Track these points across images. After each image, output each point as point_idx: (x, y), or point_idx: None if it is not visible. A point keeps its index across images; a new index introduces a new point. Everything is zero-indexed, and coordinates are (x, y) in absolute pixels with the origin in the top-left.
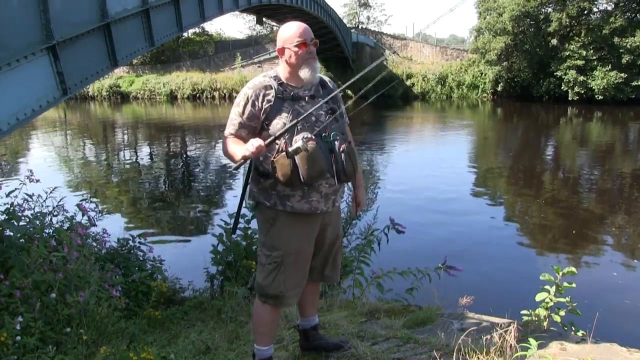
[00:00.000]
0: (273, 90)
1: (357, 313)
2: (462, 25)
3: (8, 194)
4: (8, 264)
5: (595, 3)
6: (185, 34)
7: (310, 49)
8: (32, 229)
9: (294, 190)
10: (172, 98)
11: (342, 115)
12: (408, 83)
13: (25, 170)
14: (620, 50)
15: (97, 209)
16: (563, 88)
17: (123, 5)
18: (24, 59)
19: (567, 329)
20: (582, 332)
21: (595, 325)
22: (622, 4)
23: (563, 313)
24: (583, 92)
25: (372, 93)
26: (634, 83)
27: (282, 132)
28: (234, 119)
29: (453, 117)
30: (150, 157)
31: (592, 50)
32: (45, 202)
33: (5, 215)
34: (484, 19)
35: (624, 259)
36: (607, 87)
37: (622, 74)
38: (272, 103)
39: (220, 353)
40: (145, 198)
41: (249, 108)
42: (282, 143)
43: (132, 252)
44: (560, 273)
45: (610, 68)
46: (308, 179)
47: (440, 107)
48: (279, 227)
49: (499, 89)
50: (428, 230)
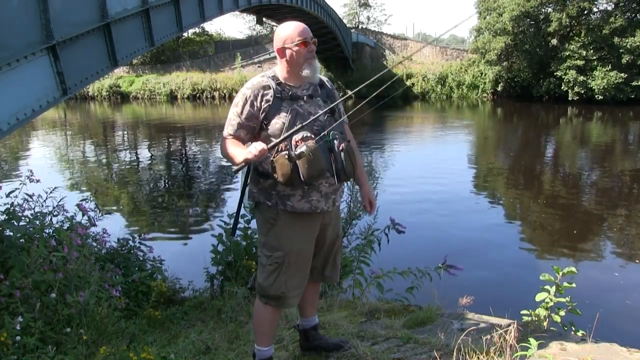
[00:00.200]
0: (271, 90)
1: (357, 313)
2: (462, 25)
3: (8, 194)
4: (8, 264)
5: (595, 3)
6: (185, 34)
7: (311, 48)
8: (32, 229)
9: (294, 190)
10: (172, 98)
11: (340, 115)
12: (408, 83)
13: (25, 170)
14: (620, 50)
15: (97, 209)
16: (563, 88)
17: (123, 5)
18: (24, 59)
19: (567, 329)
20: (582, 332)
21: (595, 325)
22: (622, 4)
23: (563, 313)
24: (583, 92)
25: (375, 94)
26: (634, 83)
27: (285, 136)
28: (233, 120)
29: (453, 117)
30: (150, 157)
31: (592, 50)
32: (46, 202)
33: (5, 215)
34: (484, 19)
35: (625, 259)
36: (607, 87)
37: (622, 74)
38: (270, 103)
39: (220, 353)
40: (145, 198)
41: (248, 108)
42: (277, 140)
43: (132, 252)
44: (560, 273)
45: (610, 68)
46: (308, 178)
47: (440, 107)
48: (280, 227)
49: (499, 89)
50: (428, 230)
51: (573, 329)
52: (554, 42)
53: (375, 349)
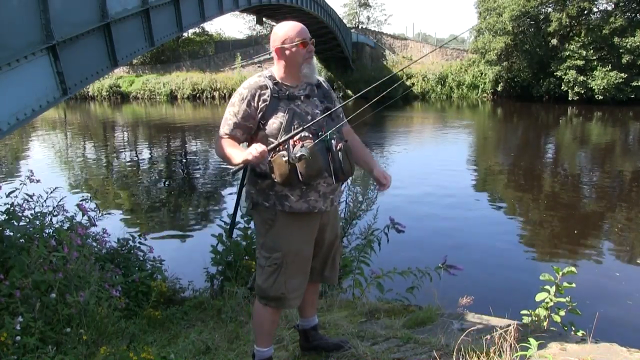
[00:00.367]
0: (268, 90)
1: (357, 313)
2: (462, 25)
3: (8, 194)
4: (8, 264)
5: (595, 3)
6: (185, 34)
7: (310, 48)
8: (32, 229)
9: (292, 190)
10: (172, 98)
11: (337, 116)
12: (408, 83)
13: (26, 170)
14: (620, 50)
15: (97, 209)
16: (563, 88)
17: (123, 5)
18: (24, 59)
19: (567, 329)
20: (582, 332)
21: (595, 325)
22: (622, 4)
23: (563, 313)
24: (583, 92)
25: (380, 96)
26: (634, 83)
27: (286, 138)
28: (229, 119)
29: (453, 117)
30: (150, 157)
31: (592, 50)
32: (46, 202)
33: (6, 215)
34: (484, 19)
35: (626, 260)
36: (607, 87)
37: (622, 74)
38: (268, 103)
39: (220, 353)
40: (145, 198)
41: (245, 108)
42: (277, 142)
43: (132, 252)
44: (560, 273)
45: (610, 68)
46: (307, 178)
47: (440, 107)
48: (278, 228)
49: (499, 89)
50: (428, 230)
51: (573, 329)
52: (554, 42)
53: (375, 349)
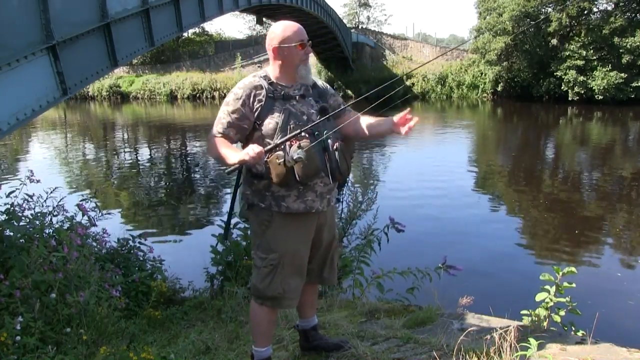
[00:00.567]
0: (264, 90)
1: (357, 313)
2: (462, 25)
3: (8, 194)
4: (8, 264)
5: (595, 3)
6: (185, 34)
7: (308, 50)
8: (32, 229)
9: (289, 190)
10: (172, 98)
11: (337, 107)
12: (408, 83)
13: (25, 170)
14: (620, 50)
15: (97, 209)
16: (563, 88)
17: (123, 5)
18: (24, 59)
19: (567, 329)
20: (582, 332)
21: (595, 325)
22: (622, 4)
23: (563, 313)
24: (583, 92)
25: (383, 99)
26: (634, 84)
27: (283, 140)
28: (223, 118)
29: (453, 117)
30: (150, 157)
31: (592, 50)
32: (46, 202)
33: (6, 216)
34: (484, 19)
35: (627, 260)
36: (607, 87)
37: (622, 74)
38: (263, 103)
39: (220, 353)
40: (145, 198)
41: (239, 108)
42: (274, 142)
43: (132, 252)
44: (560, 273)
45: (611, 68)
46: (304, 178)
47: (440, 107)
48: (275, 228)
49: (499, 89)
50: (428, 230)
51: (573, 329)
52: (554, 42)
53: (375, 349)
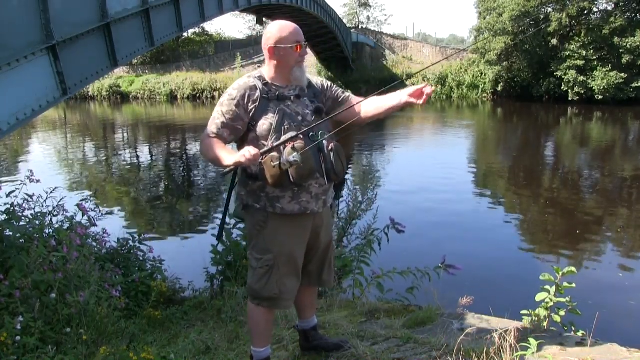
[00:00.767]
0: (258, 91)
1: (357, 313)
2: (462, 25)
3: (8, 194)
4: (8, 264)
5: (595, 3)
6: (185, 34)
7: (304, 52)
8: (32, 229)
9: (284, 192)
10: (172, 98)
11: (336, 99)
12: (408, 83)
13: (25, 170)
14: (620, 51)
15: (97, 209)
16: (563, 88)
17: (123, 5)
18: (24, 59)
19: (567, 329)
20: (582, 332)
21: (595, 325)
22: (622, 4)
23: (563, 313)
24: (583, 92)
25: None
26: (634, 84)
27: (279, 143)
28: (217, 118)
29: (453, 117)
30: (150, 157)
31: (592, 50)
32: (46, 202)
33: (5, 216)
34: (484, 19)
35: (627, 260)
36: (607, 87)
37: (622, 74)
38: (257, 104)
39: (220, 353)
40: (145, 198)
41: (233, 109)
42: (269, 143)
43: (132, 252)
44: (560, 273)
45: (611, 68)
46: (298, 179)
47: (440, 107)
48: (270, 229)
49: (499, 89)
50: (428, 230)
51: (573, 329)
52: (554, 42)
53: (375, 349)
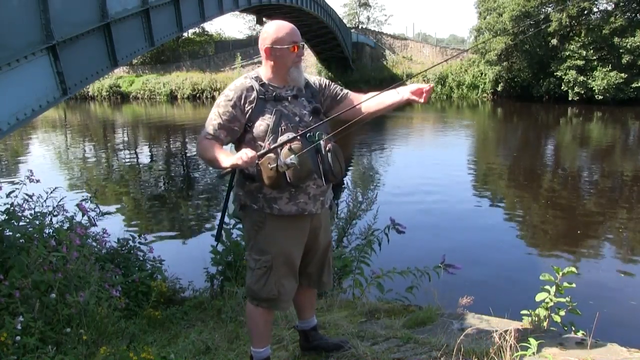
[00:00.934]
0: (255, 92)
1: (357, 313)
2: (462, 25)
3: (8, 194)
4: (8, 264)
5: (595, 3)
6: (185, 34)
7: (301, 52)
8: (31, 229)
9: (281, 193)
10: (172, 98)
11: (335, 97)
12: (408, 83)
13: (25, 170)
14: (621, 51)
15: (97, 209)
16: (563, 88)
17: (123, 5)
18: (24, 59)
19: (567, 329)
20: (582, 332)
21: (595, 325)
22: (622, 4)
23: (563, 313)
24: (583, 92)
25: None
26: (635, 84)
27: (276, 145)
28: (214, 119)
29: (453, 117)
30: (150, 157)
31: (592, 51)
32: (45, 202)
33: (5, 216)
34: (484, 19)
35: (627, 260)
36: (607, 87)
37: (622, 74)
38: (254, 104)
39: (220, 353)
40: (146, 198)
41: (230, 110)
42: (266, 144)
43: (132, 252)
44: (560, 273)
45: (611, 68)
46: (295, 181)
47: (440, 107)
48: (267, 230)
49: (499, 89)
50: (429, 230)
51: (573, 329)
52: (554, 42)
53: (375, 349)
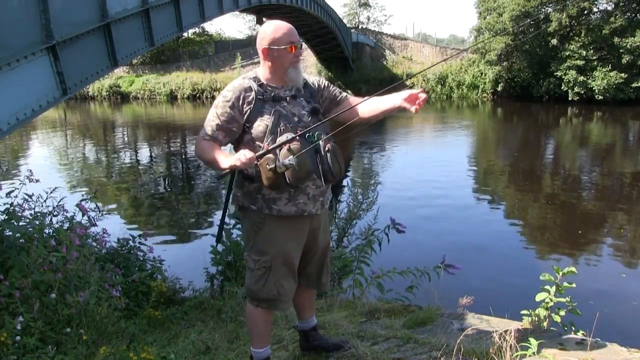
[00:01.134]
0: (253, 92)
1: (357, 313)
2: (462, 25)
3: (8, 194)
4: (8, 264)
5: (595, 3)
6: (185, 34)
7: (298, 52)
8: (31, 229)
9: (280, 193)
10: (172, 98)
11: (334, 99)
12: (408, 83)
13: (25, 170)
14: (620, 51)
15: (97, 209)
16: (563, 88)
17: (123, 5)
18: (24, 59)
19: (567, 329)
20: (582, 332)
21: (595, 325)
22: (622, 4)
23: (563, 313)
24: (583, 92)
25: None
26: (634, 84)
27: (274, 146)
28: (212, 120)
29: (453, 117)
30: (150, 157)
31: (592, 51)
32: (45, 202)
33: (5, 215)
34: (484, 19)
35: (627, 260)
36: (607, 87)
37: (622, 74)
38: (252, 105)
39: (220, 353)
40: (146, 198)
41: (228, 110)
42: (265, 145)
43: (132, 252)
44: (560, 273)
45: (611, 68)
46: (294, 181)
47: (440, 107)
48: (266, 231)
49: (499, 89)
50: (429, 230)
51: (573, 329)
52: (554, 42)
53: (375, 349)
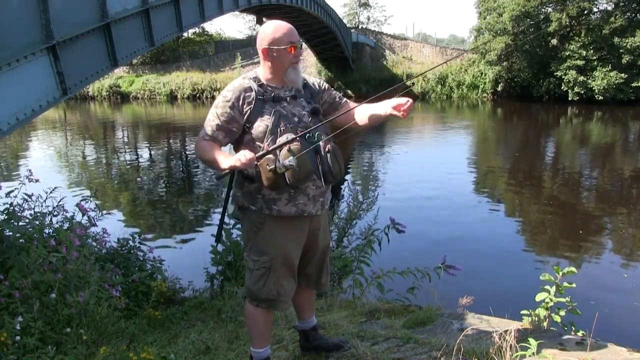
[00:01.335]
0: (253, 92)
1: (357, 313)
2: (462, 25)
3: (8, 194)
4: (8, 264)
5: (595, 3)
6: (185, 34)
7: (298, 52)
8: (31, 229)
9: (280, 194)
10: (172, 98)
11: (333, 103)
12: (408, 83)
13: (25, 170)
14: (621, 51)
15: (97, 209)
16: (563, 88)
17: (123, 5)
18: (24, 59)
19: (567, 329)
20: (582, 332)
21: (595, 326)
22: (622, 4)
23: (563, 313)
24: (583, 92)
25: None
26: (634, 84)
27: (275, 147)
28: (212, 120)
29: (453, 117)
30: (150, 157)
31: (592, 51)
32: (45, 202)
33: (5, 215)
34: (484, 19)
35: (628, 260)
36: (607, 87)
37: (622, 74)
38: (252, 105)
39: (220, 353)
40: (145, 198)
41: (228, 111)
42: (265, 145)
43: (132, 252)
44: (560, 273)
45: (611, 68)
46: (294, 182)
47: (440, 107)
48: (266, 231)
49: (499, 89)
50: (429, 230)
51: (573, 329)
52: (554, 42)
53: (375, 349)
